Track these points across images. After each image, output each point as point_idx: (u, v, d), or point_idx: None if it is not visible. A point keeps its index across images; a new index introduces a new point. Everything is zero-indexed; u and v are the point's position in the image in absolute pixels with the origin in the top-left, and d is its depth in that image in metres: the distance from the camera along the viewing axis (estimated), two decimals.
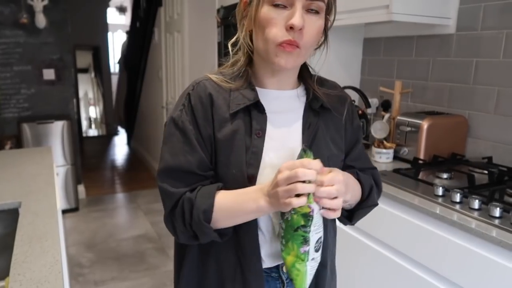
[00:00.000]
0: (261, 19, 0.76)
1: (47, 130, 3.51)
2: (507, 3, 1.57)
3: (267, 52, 0.77)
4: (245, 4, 0.82)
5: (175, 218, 0.80)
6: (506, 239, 1.02)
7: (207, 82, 0.84)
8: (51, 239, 1.05)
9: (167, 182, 0.80)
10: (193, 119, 0.81)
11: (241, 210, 0.77)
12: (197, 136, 0.81)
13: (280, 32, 0.75)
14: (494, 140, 1.67)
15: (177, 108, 0.84)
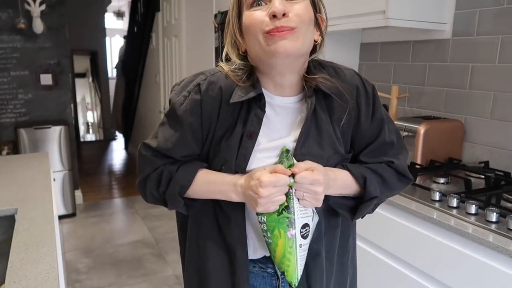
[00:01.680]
0: (246, 25, 0.79)
1: (45, 135, 3.50)
2: (502, 9, 1.58)
3: (261, 48, 0.76)
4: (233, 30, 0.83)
5: (149, 183, 0.86)
6: (502, 244, 1.02)
7: (219, 75, 0.83)
8: (47, 246, 1.05)
9: (151, 152, 0.86)
10: (197, 111, 0.82)
11: (212, 195, 0.84)
12: (196, 127, 0.83)
13: (264, 23, 0.75)
14: (490, 145, 1.67)
15: (181, 93, 0.83)
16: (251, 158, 0.82)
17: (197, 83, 0.82)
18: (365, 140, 0.89)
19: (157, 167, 0.86)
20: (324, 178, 0.77)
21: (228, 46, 0.85)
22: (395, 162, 0.88)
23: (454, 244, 1.16)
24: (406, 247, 1.32)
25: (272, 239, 0.79)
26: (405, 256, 1.33)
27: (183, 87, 0.84)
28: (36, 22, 3.42)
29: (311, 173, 0.76)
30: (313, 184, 0.75)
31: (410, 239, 1.31)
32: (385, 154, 0.89)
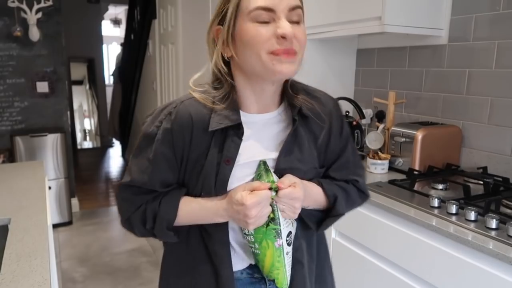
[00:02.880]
0: (247, 36, 0.76)
1: (41, 143, 3.48)
2: (498, 14, 1.58)
3: (262, 65, 0.76)
4: (218, 32, 0.81)
5: (135, 221, 0.86)
6: (503, 251, 1.01)
7: (189, 102, 0.83)
8: (40, 257, 1.03)
9: (130, 191, 0.85)
10: (169, 140, 0.82)
11: (198, 222, 0.86)
12: (169, 157, 0.82)
13: (270, 42, 0.75)
14: (488, 150, 1.66)
15: (153, 123, 0.84)
16: (229, 180, 0.83)
17: (168, 112, 0.83)
18: (333, 156, 0.94)
19: (139, 206, 0.86)
20: (303, 194, 0.81)
21: (219, 48, 0.82)
22: (359, 181, 0.96)
23: (454, 251, 1.15)
24: (405, 254, 1.31)
25: (260, 250, 0.82)
26: (404, 263, 1.32)
27: (154, 118, 0.84)
28: (33, 30, 3.41)
29: (293, 189, 0.79)
30: (294, 200, 0.80)
31: (409, 246, 1.29)
32: (348, 170, 0.95)
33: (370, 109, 2.20)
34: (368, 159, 1.76)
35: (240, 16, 0.77)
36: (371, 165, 1.74)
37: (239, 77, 0.84)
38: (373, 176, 1.69)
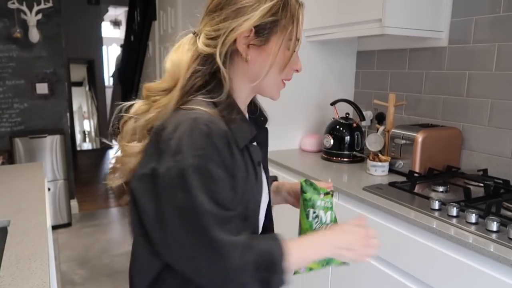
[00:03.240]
0: (280, 59, 0.79)
1: (40, 145, 3.47)
2: (498, 16, 1.58)
3: (273, 85, 0.83)
4: (244, 34, 0.76)
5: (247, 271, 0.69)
6: (504, 254, 1.01)
7: (210, 118, 0.72)
8: (39, 259, 1.02)
9: (224, 229, 0.68)
10: (220, 161, 0.71)
11: (308, 260, 0.81)
12: (228, 179, 0.72)
13: (289, 72, 0.84)
14: (488, 152, 1.66)
15: (193, 153, 0.68)
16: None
17: (205, 134, 0.70)
18: None
19: (243, 248, 0.70)
20: None
21: (243, 51, 0.77)
22: None
23: (454, 253, 1.15)
24: (405, 256, 1.30)
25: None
26: (404, 266, 1.31)
27: (188, 149, 0.69)
28: (32, 31, 3.41)
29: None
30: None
31: (409, 248, 1.29)
32: None
33: (370, 111, 2.20)
34: (368, 161, 1.76)
35: (281, 34, 0.77)
36: (371, 167, 1.74)
37: (239, 80, 0.80)
38: (373, 178, 1.69)
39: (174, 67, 0.79)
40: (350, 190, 1.51)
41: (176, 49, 0.82)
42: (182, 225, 0.68)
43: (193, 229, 0.67)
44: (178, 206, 0.68)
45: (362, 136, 2.02)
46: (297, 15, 0.78)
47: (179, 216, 0.68)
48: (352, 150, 1.98)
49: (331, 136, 1.99)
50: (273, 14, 0.75)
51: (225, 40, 0.75)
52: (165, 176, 0.68)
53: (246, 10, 0.74)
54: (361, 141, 2.00)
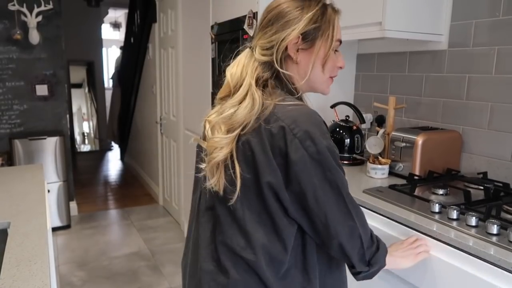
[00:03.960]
0: (330, 60, 0.95)
1: (40, 146, 3.47)
2: (498, 20, 1.59)
3: (323, 83, 0.98)
4: (294, 41, 0.90)
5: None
6: (504, 257, 1.01)
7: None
8: (40, 261, 1.02)
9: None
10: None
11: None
12: None
13: (334, 70, 0.99)
14: (488, 155, 1.67)
15: (323, 136, 0.86)
16: None
17: (321, 121, 0.88)
18: None
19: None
20: None
21: (296, 58, 0.93)
22: None
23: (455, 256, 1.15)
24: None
25: None
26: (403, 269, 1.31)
27: (318, 132, 0.85)
28: (33, 33, 3.42)
29: None
30: None
31: None
32: None
33: (370, 113, 2.20)
34: (368, 164, 1.76)
35: (321, 38, 0.92)
36: (371, 170, 1.74)
37: (294, 79, 0.94)
38: (373, 181, 1.69)
39: (234, 77, 0.93)
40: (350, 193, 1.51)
41: (235, 64, 0.96)
42: (340, 199, 0.88)
43: (349, 201, 0.90)
44: (333, 181, 0.86)
45: (362, 139, 2.02)
46: (333, 21, 0.94)
47: (335, 191, 0.87)
48: (352, 153, 1.98)
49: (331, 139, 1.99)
50: (314, 22, 0.91)
51: (278, 48, 0.90)
52: (315, 158, 0.83)
53: (292, 22, 0.90)
54: (361, 144, 2.01)
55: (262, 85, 0.91)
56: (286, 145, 0.82)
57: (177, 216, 3.76)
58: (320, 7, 0.92)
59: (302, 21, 0.90)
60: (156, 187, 4.45)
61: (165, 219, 3.90)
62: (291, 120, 0.84)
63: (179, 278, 2.74)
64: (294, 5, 0.91)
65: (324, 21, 0.92)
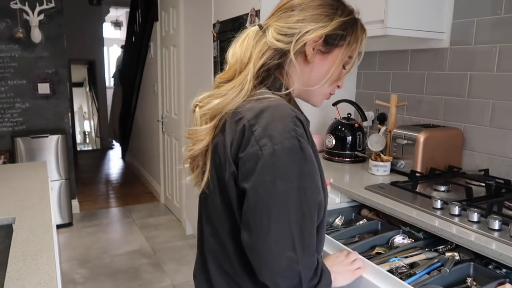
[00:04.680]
0: (337, 73, 0.85)
1: (41, 145, 3.48)
2: (499, 18, 1.60)
3: (319, 94, 0.88)
4: (315, 39, 0.81)
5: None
6: (506, 252, 1.02)
7: (291, 106, 0.79)
8: (46, 255, 1.03)
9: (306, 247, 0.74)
10: (310, 146, 0.76)
11: None
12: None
13: (335, 87, 0.90)
14: (490, 153, 1.67)
15: (287, 135, 0.71)
16: None
17: (293, 117, 0.75)
18: None
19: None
20: None
21: (311, 57, 0.82)
22: None
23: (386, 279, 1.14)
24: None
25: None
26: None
27: (281, 131, 0.72)
28: (35, 31, 3.43)
29: None
30: None
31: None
32: None
33: (372, 111, 2.21)
34: (370, 161, 1.77)
35: (344, 49, 0.83)
36: (373, 167, 1.75)
37: (294, 80, 0.85)
38: (375, 178, 1.70)
39: (237, 60, 0.82)
40: (352, 190, 1.52)
41: (242, 42, 0.84)
42: (283, 219, 0.73)
43: (297, 223, 0.75)
44: (281, 193, 0.71)
45: (364, 136, 2.03)
46: (362, 37, 0.85)
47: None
48: (354, 150, 1.99)
49: (333, 136, 2.01)
50: (344, 29, 0.82)
51: (299, 40, 0.80)
52: (267, 159, 0.70)
53: (323, 18, 0.80)
54: (363, 141, 2.02)
55: (262, 74, 0.81)
56: (242, 141, 0.73)
57: (178, 214, 3.77)
58: (353, 17, 0.84)
59: (334, 22, 0.81)
60: (157, 186, 4.46)
61: (166, 217, 3.91)
62: (253, 114, 0.74)
63: (180, 276, 2.75)
64: (328, 2, 0.82)
65: (352, 33, 0.83)
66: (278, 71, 0.83)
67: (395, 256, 1.17)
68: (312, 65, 0.83)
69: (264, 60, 0.80)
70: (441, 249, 1.20)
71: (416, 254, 1.18)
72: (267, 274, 0.71)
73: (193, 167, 0.88)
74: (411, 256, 1.17)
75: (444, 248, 1.21)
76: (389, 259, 1.15)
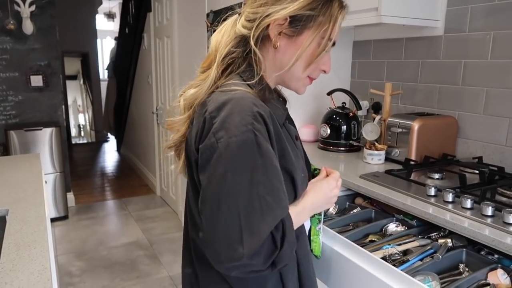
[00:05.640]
0: (309, 54, 0.80)
1: (35, 137, 3.46)
2: (493, 5, 1.59)
3: (296, 79, 0.84)
4: (279, 21, 0.78)
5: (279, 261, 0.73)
6: (499, 238, 1.02)
7: (253, 97, 0.77)
8: (39, 246, 1.03)
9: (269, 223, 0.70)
10: (269, 141, 0.73)
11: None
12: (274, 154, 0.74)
13: (317, 72, 0.86)
14: (483, 140, 1.68)
15: (244, 128, 0.70)
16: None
17: (255, 112, 0.73)
18: None
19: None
20: None
21: (274, 39, 0.79)
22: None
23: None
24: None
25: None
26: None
27: (236, 125, 0.71)
28: (26, 23, 3.38)
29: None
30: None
31: None
32: None
33: (367, 100, 2.21)
34: (365, 150, 1.77)
35: (315, 31, 0.79)
36: (367, 156, 1.75)
37: (267, 66, 0.83)
38: (370, 167, 1.70)
39: (213, 47, 0.83)
40: (347, 178, 1.53)
41: (219, 30, 0.85)
42: (233, 211, 0.73)
43: (246, 216, 0.74)
44: (231, 186, 0.70)
45: (358, 126, 2.03)
46: (336, 16, 0.80)
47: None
48: (348, 139, 1.99)
49: (328, 126, 2.00)
50: (311, 9, 0.77)
51: (259, 24, 0.77)
52: (222, 151, 0.70)
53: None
54: (357, 131, 2.02)
55: (228, 62, 0.79)
56: (203, 132, 0.73)
57: (174, 206, 3.77)
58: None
59: (297, 3, 0.76)
60: (153, 178, 4.46)
61: (162, 209, 3.91)
62: (215, 106, 0.73)
63: (177, 267, 2.76)
64: None
65: (324, 12, 0.78)
66: (251, 58, 0.80)
67: (389, 244, 1.17)
68: (280, 50, 0.80)
69: (229, 48, 0.80)
70: (434, 236, 1.21)
71: (409, 241, 1.19)
72: (217, 265, 0.71)
73: (178, 155, 0.89)
74: (404, 244, 1.18)
75: (437, 235, 1.22)
76: (383, 247, 1.16)
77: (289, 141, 0.84)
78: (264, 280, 0.82)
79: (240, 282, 0.81)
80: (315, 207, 0.88)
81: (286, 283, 0.84)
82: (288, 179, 0.80)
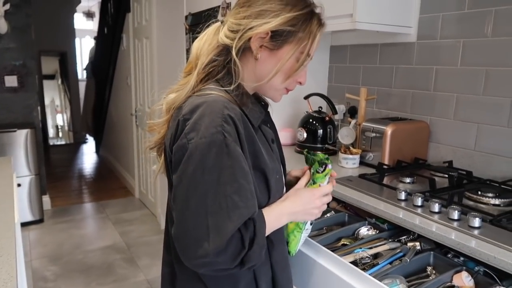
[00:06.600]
0: (288, 68, 0.85)
1: (10, 139, 3.37)
2: (463, 13, 1.64)
3: (274, 90, 0.88)
4: (260, 35, 0.82)
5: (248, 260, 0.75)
6: (463, 241, 1.05)
7: (225, 100, 0.80)
8: (6, 254, 1.01)
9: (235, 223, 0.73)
10: (238, 143, 0.77)
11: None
12: (246, 163, 0.78)
13: (292, 84, 0.90)
14: (454, 145, 1.73)
15: (213, 130, 0.73)
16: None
17: (225, 115, 0.76)
18: None
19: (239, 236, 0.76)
20: None
21: (256, 51, 0.83)
22: None
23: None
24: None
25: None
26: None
27: (207, 126, 0.74)
28: (0, 22, 3.30)
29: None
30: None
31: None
32: None
33: (343, 105, 2.24)
34: (340, 154, 1.79)
35: (294, 46, 0.83)
36: (342, 159, 1.77)
37: (246, 76, 0.86)
38: (345, 171, 1.72)
39: (194, 54, 0.86)
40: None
41: (201, 37, 0.88)
42: (201, 210, 0.76)
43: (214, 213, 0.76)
44: (200, 184, 0.74)
45: (334, 130, 2.05)
46: (315, 33, 0.85)
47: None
48: (324, 143, 2.01)
49: (305, 130, 2.02)
50: (292, 25, 0.82)
51: (242, 36, 0.81)
52: (192, 152, 0.74)
53: (268, 14, 0.81)
54: (333, 134, 2.04)
55: (209, 70, 0.83)
56: (176, 134, 0.78)
57: (153, 209, 3.74)
58: (306, 13, 0.83)
59: (279, 18, 0.80)
60: (132, 180, 4.41)
61: (141, 211, 3.87)
62: (189, 109, 0.77)
63: (155, 270, 2.74)
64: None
65: (304, 29, 0.83)
66: (230, 67, 0.83)
67: (360, 247, 1.19)
68: (261, 62, 0.84)
69: (211, 57, 0.83)
70: (404, 239, 1.24)
71: (380, 244, 1.21)
72: (187, 261, 0.74)
73: (160, 156, 0.93)
74: (375, 247, 1.20)
75: (407, 238, 1.25)
76: (354, 250, 1.18)
77: (264, 144, 0.87)
78: (237, 279, 0.84)
79: (213, 281, 0.84)
80: (294, 214, 0.89)
81: (259, 283, 0.85)
82: (262, 179, 0.83)
